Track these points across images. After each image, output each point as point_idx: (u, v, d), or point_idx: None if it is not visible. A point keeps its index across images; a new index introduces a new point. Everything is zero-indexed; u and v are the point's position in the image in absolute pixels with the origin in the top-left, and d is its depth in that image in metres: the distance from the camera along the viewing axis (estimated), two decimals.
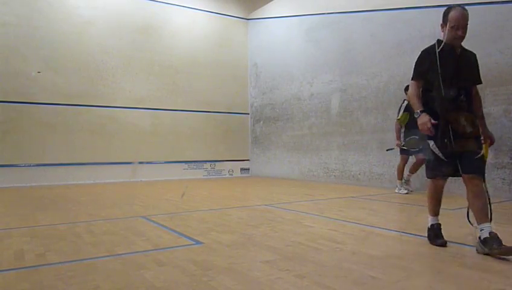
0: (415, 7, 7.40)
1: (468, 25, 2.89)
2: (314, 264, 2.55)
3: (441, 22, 2.97)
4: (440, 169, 2.94)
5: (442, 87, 2.86)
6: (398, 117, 6.58)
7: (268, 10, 11.74)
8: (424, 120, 2.81)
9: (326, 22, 9.54)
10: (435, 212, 3.10)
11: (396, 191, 6.73)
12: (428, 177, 3.10)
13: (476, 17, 6.37)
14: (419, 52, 3.06)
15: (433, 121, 2.79)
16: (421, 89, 3.01)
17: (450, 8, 2.92)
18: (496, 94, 6.04)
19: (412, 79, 3.04)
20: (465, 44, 3.00)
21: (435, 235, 3.04)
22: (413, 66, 3.06)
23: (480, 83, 3.09)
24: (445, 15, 2.91)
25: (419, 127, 2.88)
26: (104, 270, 2.46)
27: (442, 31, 2.96)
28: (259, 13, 12.13)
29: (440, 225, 3.09)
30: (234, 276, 2.32)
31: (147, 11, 10.88)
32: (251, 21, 12.47)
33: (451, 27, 2.86)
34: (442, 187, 3.06)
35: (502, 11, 6.07)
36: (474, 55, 3.06)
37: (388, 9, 7.97)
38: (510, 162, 5.87)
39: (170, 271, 2.43)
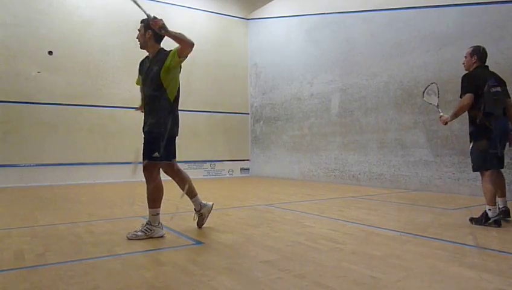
0: (415, 7, 7.40)
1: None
2: (314, 264, 2.55)
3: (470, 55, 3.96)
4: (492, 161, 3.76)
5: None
6: None
7: (268, 10, 11.74)
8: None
9: (326, 22, 9.53)
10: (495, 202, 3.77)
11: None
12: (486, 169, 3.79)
13: (476, 17, 6.37)
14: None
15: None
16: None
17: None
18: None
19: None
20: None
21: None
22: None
23: None
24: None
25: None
26: (104, 270, 2.46)
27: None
28: (259, 13, 12.12)
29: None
30: (234, 276, 2.32)
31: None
32: (251, 21, 12.47)
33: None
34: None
35: (502, 11, 6.07)
36: None
37: (388, 9, 7.96)
38: (510, 162, 5.86)
39: (170, 271, 2.43)
